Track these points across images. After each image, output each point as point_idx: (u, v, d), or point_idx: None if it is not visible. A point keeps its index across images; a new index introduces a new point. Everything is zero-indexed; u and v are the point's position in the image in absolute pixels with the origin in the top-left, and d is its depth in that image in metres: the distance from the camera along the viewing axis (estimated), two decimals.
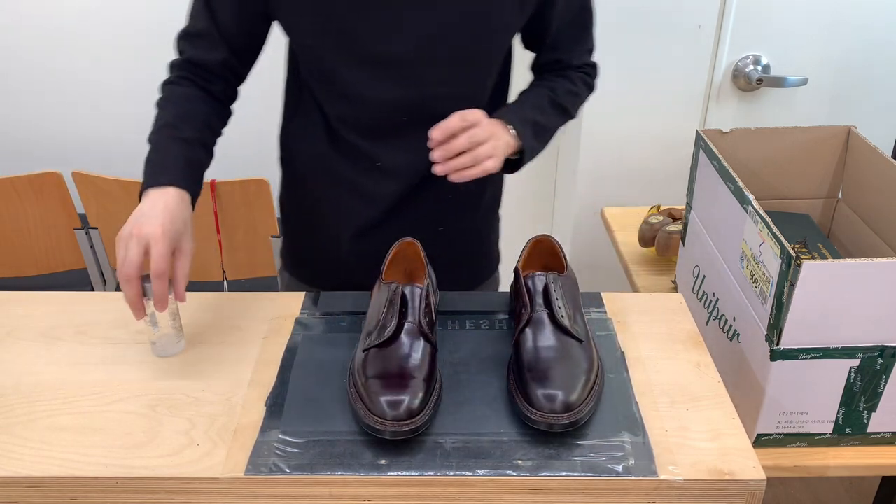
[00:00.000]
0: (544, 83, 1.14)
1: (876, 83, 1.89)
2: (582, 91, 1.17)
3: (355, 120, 1.09)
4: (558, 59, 1.15)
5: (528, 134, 1.06)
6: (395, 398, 0.77)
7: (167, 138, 0.99)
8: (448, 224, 1.19)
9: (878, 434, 1.03)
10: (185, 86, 1.05)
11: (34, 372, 0.90)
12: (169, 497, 0.77)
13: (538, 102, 1.10)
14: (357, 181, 1.13)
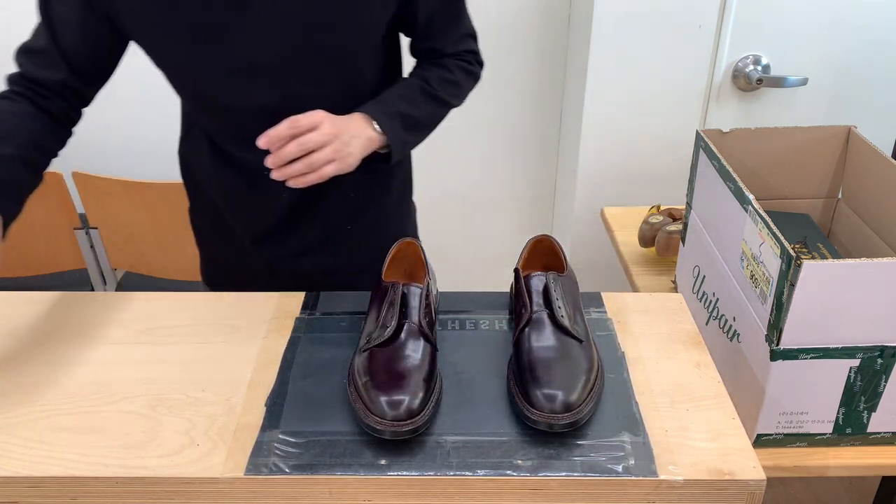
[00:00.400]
0: (417, 73, 1.13)
1: (876, 83, 1.89)
2: (461, 79, 1.14)
3: (232, 131, 1.08)
4: (432, 47, 1.13)
5: (396, 126, 1.04)
6: (395, 398, 0.77)
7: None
8: (356, 222, 1.19)
9: (878, 434, 1.03)
10: (18, 101, 1.00)
11: (34, 372, 0.90)
12: (169, 497, 0.77)
13: (408, 94, 1.08)
14: (248, 192, 1.13)
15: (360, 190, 1.16)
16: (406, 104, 1.08)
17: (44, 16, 1.00)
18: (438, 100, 1.12)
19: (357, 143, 0.99)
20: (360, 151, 1.00)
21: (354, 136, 0.99)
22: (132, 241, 1.93)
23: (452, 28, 1.13)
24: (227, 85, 1.03)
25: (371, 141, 1.02)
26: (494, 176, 2.32)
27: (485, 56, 1.18)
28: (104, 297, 1.05)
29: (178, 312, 1.00)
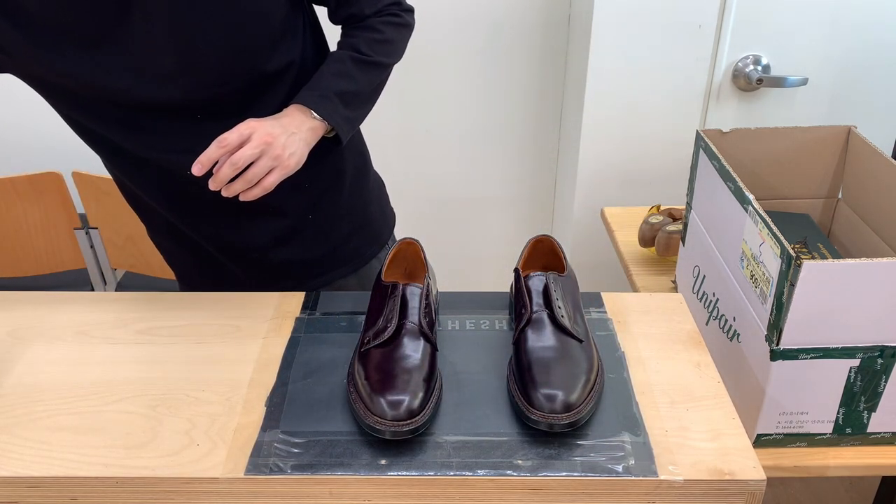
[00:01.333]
0: (345, 43, 1.08)
1: (876, 83, 1.89)
2: (392, 35, 1.09)
3: (150, 139, 1.04)
4: (351, 13, 1.08)
5: (335, 107, 1.01)
6: (395, 398, 0.77)
7: None
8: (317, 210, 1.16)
9: (878, 434, 1.03)
10: None
11: (34, 372, 0.90)
12: (169, 497, 0.77)
13: (340, 69, 1.04)
14: (189, 196, 1.10)
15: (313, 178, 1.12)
16: (341, 80, 1.03)
17: None
18: (374, 64, 1.07)
19: (297, 139, 0.96)
20: (304, 146, 0.98)
21: (293, 134, 0.96)
22: (132, 241, 1.93)
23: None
24: (130, 95, 0.99)
25: (314, 131, 0.99)
26: (494, 176, 2.32)
27: (485, 56, 1.17)
28: (104, 297, 1.05)
29: (178, 312, 1.00)
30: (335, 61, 1.06)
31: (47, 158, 2.24)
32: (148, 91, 0.99)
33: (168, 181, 1.10)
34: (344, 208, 1.21)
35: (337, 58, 1.06)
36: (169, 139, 1.04)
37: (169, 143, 1.05)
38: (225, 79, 1.01)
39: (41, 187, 1.86)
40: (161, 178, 1.10)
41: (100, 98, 1.00)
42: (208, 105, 1.02)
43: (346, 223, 1.22)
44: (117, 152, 1.08)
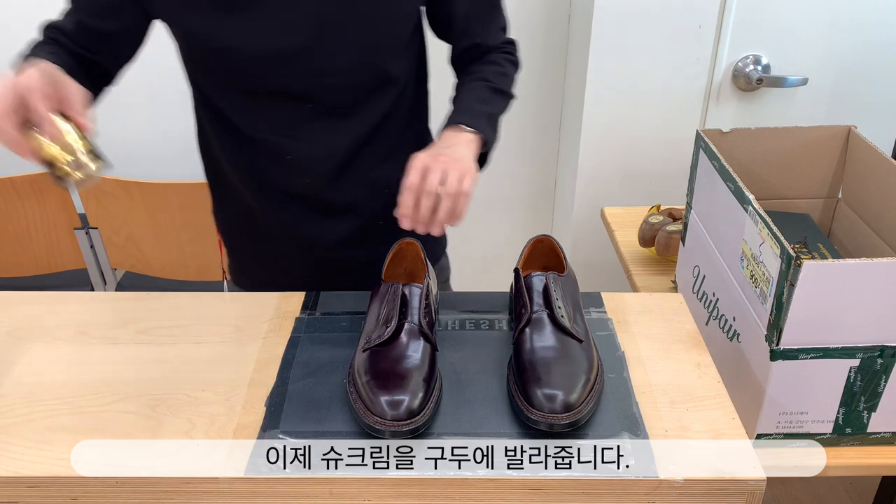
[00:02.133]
0: (474, 76, 1.11)
1: (876, 83, 1.89)
2: (510, 70, 1.14)
3: (255, 112, 1.07)
4: (475, 43, 1.12)
5: (485, 126, 1.03)
6: (395, 398, 0.77)
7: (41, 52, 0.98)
8: (389, 213, 1.18)
9: (878, 434, 1.03)
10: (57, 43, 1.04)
11: (34, 372, 0.90)
12: (169, 497, 0.77)
13: (480, 95, 1.08)
14: (274, 175, 1.12)
15: (394, 184, 1.15)
16: (485, 105, 1.07)
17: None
18: (504, 94, 1.11)
19: (465, 152, 0.98)
20: (470, 154, 0.98)
21: (460, 147, 0.98)
22: (132, 241, 1.93)
23: (488, 20, 1.12)
24: (256, 70, 1.02)
25: (472, 144, 1.00)
26: (494, 176, 2.31)
27: None
28: (104, 296, 1.05)
29: (178, 312, 1.00)
30: (471, 89, 1.09)
31: None
32: (269, 64, 1.02)
33: (266, 164, 1.11)
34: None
35: (472, 87, 1.09)
36: (277, 122, 1.07)
37: (276, 126, 1.07)
38: (350, 71, 1.04)
39: (41, 187, 1.86)
40: (260, 159, 1.11)
41: (220, 65, 1.03)
42: (324, 95, 1.05)
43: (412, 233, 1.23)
44: (227, 127, 1.10)
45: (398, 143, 1.12)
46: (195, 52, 1.05)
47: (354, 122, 1.08)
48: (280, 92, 1.04)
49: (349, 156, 1.10)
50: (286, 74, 1.02)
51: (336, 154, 1.09)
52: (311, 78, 1.03)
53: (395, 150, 1.11)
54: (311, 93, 1.04)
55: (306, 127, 1.07)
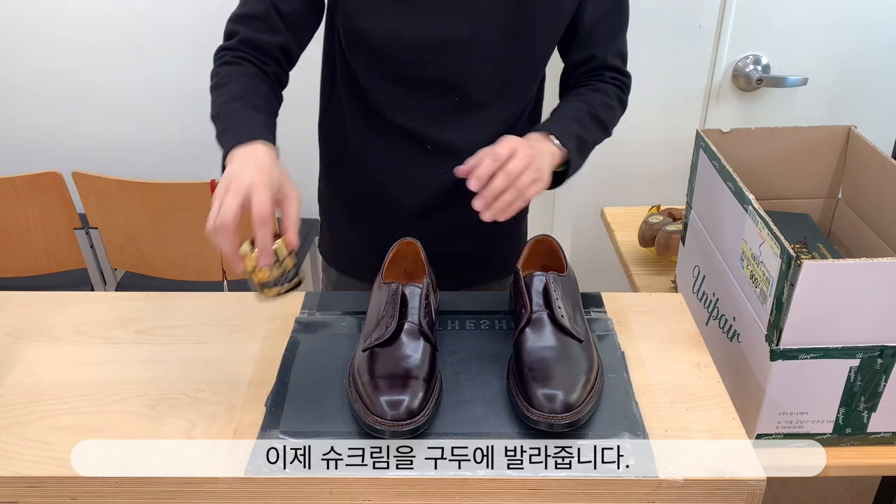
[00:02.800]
0: (581, 97, 1.12)
1: (876, 83, 1.89)
2: (616, 107, 1.15)
3: (400, 100, 1.08)
4: (592, 55, 1.13)
5: (573, 147, 1.03)
6: (395, 398, 0.77)
7: (240, 108, 0.94)
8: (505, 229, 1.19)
9: (878, 434, 1.03)
10: (243, 65, 1.01)
11: (34, 372, 0.90)
12: (169, 497, 0.77)
13: (579, 116, 1.08)
14: (411, 164, 1.13)
15: None
16: (580, 127, 1.07)
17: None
18: (602, 125, 1.11)
19: (546, 159, 0.98)
20: (548, 165, 0.98)
21: (544, 153, 0.98)
22: (132, 241, 1.93)
23: (613, 37, 1.13)
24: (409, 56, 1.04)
25: (554, 157, 1.00)
26: None
27: None
28: (104, 297, 1.05)
29: (178, 312, 1.00)
30: (573, 109, 1.09)
31: (47, 158, 2.24)
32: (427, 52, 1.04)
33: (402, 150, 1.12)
34: (520, 221, 1.28)
35: (575, 106, 1.09)
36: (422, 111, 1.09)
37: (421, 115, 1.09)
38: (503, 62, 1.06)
39: (41, 187, 1.86)
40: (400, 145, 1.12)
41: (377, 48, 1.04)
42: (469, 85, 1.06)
43: (505, 230, 1.24)
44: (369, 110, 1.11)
45: None
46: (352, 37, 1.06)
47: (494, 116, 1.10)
48: (431, 80, 1.06)
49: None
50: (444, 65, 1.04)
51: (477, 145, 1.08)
52: (465, 69, 1.05)
53: None
54: (459, 83, 1.06)
55: (446, 118, 1.09)
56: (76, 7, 2.15)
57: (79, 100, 2.27)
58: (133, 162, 2.30)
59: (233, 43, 1.02)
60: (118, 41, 2.19)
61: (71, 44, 2.20)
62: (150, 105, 2.26)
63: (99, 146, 2.33)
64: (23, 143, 2.34)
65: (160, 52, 2.20)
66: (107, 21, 2.17)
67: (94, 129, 2.32)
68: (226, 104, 0.95)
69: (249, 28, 1.02)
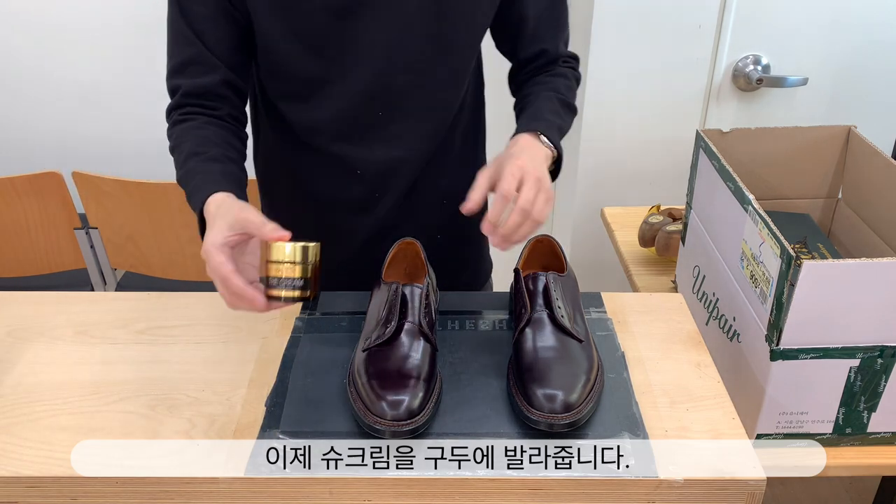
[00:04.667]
0: (545, 86, 1.10)
1: (876, 83, 1.89)
2: (574, 86, 1.14)
3: (331, 124, 1.06)
4: (543, 49, 1.10)
5: (558, 141, 1.02)
6: (395, 398, 0.77)
7: (195, 165, 0.93)
8: (444, 231, 1.17)
9: (878, 434, 1.03)
10: (192, 119, 0.99)
11: (34, 372, 0.90)
12: (169, 497, 0.77)
13: (552, 107, 1.06)
14: (337, 195, 1.10)
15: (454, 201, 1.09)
16: (557, 117, 1.05)
17: (184, 24, 0.98)
18: (571, 108, 1.10)
19: (545, 168, 0.94)
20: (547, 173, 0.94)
21: (542, 163, 0.94)
22: (132, 241, 1.93)
23: (560, 26, 1.12)
24: (330, 70, 1.01)
25: (548, 159, 0.97)
26: None
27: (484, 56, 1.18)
28: (104, 297, 1.05)
29: (178, 312, 1.00)
30: (544, 99, 1.07)
31: (47, 158, 2.24)
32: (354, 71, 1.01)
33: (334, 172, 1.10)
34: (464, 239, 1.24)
35: (545, 96, 1.07)
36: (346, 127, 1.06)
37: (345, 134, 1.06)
38: (424, 72, 1.03)
39: (41, 187, 1.86)
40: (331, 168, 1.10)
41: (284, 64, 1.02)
42: (393, 96, 1.03)
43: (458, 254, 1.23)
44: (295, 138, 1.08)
45: (455, 161, 1.14)
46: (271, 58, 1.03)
47: (425, 128, 1.08)
48: (356, 94, 1.03)
49: (419, 167, 1.10)
50: (366, 75, 1.01)
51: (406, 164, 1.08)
52: (388, 80, 1.02)
53: (452, 167, 1.13)
54: (380, 94, 1.03)
55: (379, 132, 1.05)
56: (76, 7, 2.15)
57: (79, 100, 2.27)
58: (133, 162, 2.29)
59: (177, 99, 1.00)
60: (119, 41, 2.19)
61: (71, 44, 2.20)
62: (150, 105, 2.25)
63: (99, 146, 2.33)
64: (23, 143, 2.34)
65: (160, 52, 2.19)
66: (107, 21, 2.17)
67: (94, 129, 2.32)
68: (182, 166, 0.95)
69: (188, 76, 0.99)
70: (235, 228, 0.81)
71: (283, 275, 0.78)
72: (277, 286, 0.78)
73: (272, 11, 0.97)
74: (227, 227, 0.81)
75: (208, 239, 0.81)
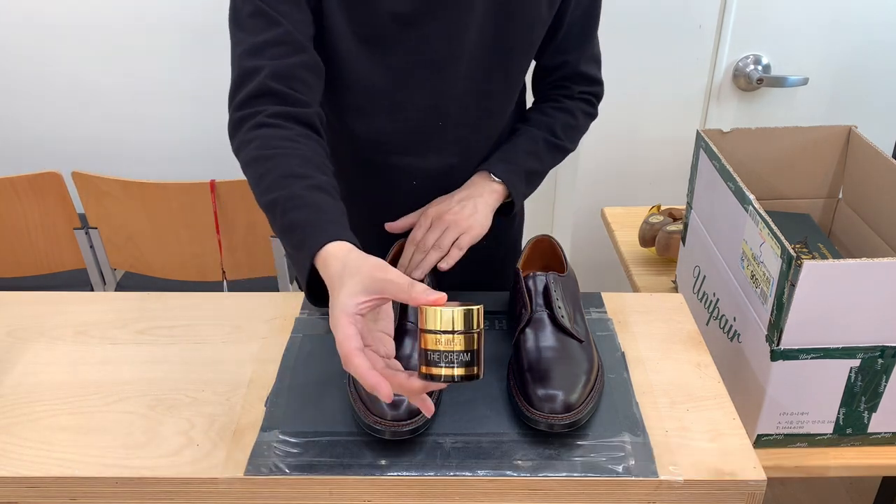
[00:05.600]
0: (543, 120, 1.10)
1: (876, 83, 1.89)
2: (582, 123, 1.14)
3: (388, 134, 1.04)
4: (564, 60, 1.10)
5: (519, 182, 1.05)
6: (395, 398, 0.77)
7: (299, 192, 0.77)
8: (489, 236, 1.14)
9: (878, 434, 1.03)
10: (283, 128, 0.84)
11: (34, 372, 0.90)
12: (169, 497, 0.77)
13: (532, 149, 1.08)
14: (391, 202, 1.08)
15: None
16: (531, 159, 1.08)
17: (265, 5, 0.87)
18: (562, 149, 1.12)
19: (480, 203, 1.03)
20: (486, 209, 1.03)
21: (472, 199, 1.03)
22: (132, 241, 1.93)
23: (586, 41, 1.10)
24: (394, 80, 0.99)
25: (495, 194, 1.05)
26: None
27: None
28: (104, 297, 1.05)
29: (178, 312, 1.00)
30: (530, 140, 1.09)
31: (47, 158, 2.24)
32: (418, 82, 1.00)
33: (390, 182, 1.09)
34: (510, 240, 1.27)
35: (532, 137, 1.09)
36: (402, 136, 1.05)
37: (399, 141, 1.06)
38: (490, 77, 1.03)
39: (41, 187, 1.86)
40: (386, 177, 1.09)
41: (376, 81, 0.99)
42: (452, 106, 1.03)
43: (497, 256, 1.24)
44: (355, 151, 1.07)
45: None
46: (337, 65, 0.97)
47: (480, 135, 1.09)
48: (417, 105, 1.02)
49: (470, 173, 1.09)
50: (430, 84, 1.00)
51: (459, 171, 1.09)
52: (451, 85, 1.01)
53: None
54: (447, 103, 1.03)
55: (437, 143, 1.06)
56: (76, 7, 2.15)
57: (79, 100, 2.28)
58: (133, 162, 2.30)
59: (258, 85, 0.85)
60: (119, 41, 2.19)
61: (71, 44, 2.20)
62: (150, 105, 2.26)
63: (99, 146, 2.33)
64: (23, 143, 2.34)
65: (160, 52, 2.20)
66: (107, 21, 2.17)
67: (94, 129, 2.32)
68: (274, 188, 0.78)
69: (271, 57, 0.86)
70: (371, 292, 0.67)
71: (443, 348, 0.64)
72: (438, 363, 0.64)
73: (340, 10, 0.92)
74: (361, 290, 0.67)
75: (338, 304, 0.67)
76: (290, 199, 0.77)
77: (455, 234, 0.99)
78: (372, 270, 0.67)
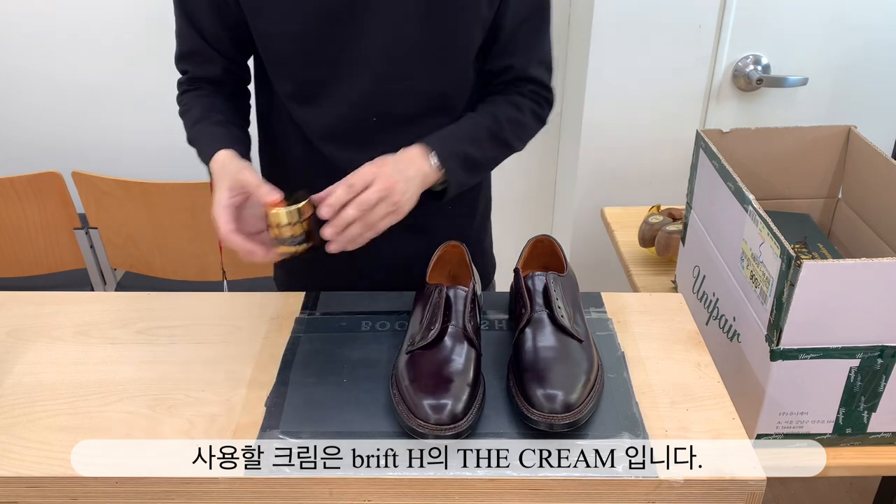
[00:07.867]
0: (488, 110, 1.07)
1: (876, 83, 1.89)
2: (530, 122, 1.09)
3: (326, 127, 1.05)
4: (510, 64, 1.06)
5: (456, 167, 0.99)
6: (438, 402, 0.76)
7: (202, 128, 1.02)
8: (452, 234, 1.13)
9: (878, 434, 1.03)
10: (200, 89, 1.08)
11: (34, 372, 0.90)
12: (169, 497, 0.77)
13: (475, 134, 1.03)
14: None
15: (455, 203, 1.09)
16: (471, 145, 1.02)
17: (184, 20, 1.04)
18: (505, 143, 1.07)
19: (413, 185, 0.94)
20: (416, 191, 0.95)
21: (409, 180, 0.94)
22: (132, 241, 1.93)
23: (533, 44, 1.07)
24: (335, 73, 1.01)
25: (427, 177, 0.97)
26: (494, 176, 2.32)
27: None
28: (104, 297, 1.05)
29: (178, 312, 1.00)
30: (472, 125, 1.05)
31: (47, 158, 2.24)
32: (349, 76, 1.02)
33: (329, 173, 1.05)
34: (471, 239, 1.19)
35: (475, 122, 1.05)
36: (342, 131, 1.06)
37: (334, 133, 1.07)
38: (415, 76, 1.02)
39: (41, 187, 1.86)
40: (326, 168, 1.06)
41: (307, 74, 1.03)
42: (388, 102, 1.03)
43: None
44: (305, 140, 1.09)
45: None
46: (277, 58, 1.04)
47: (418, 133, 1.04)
48: (351, 101, 1.02)
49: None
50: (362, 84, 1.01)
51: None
52: (382, 86, 1.01)
53: None
54: (377, 99, 1.02)
55: (375, 139, 1.03)
56: (76, 7, 2.15)
57: (79, 100, 2.27)
58: (133, 162, 2.30)
59: (184, 78, 1.10)
60: (119, 41, 2.19)
61: (71, 44, 2.20)
62: (150, 105, 2.26)
63: (99, 146, 2.33)
64: (23, 143, 2.34)
65: (160, 52, 2.19)
66: (107, 21, 2.17)
67: (95, 129, 2.32)
68: (191, 129, 1.04)
69: (192, 64, 1.08)
70: (235, 189, 0.88)
71: (284, 235, 0.87)
72: (283, 245, 0.88)
73: (268, 11, 0.99)
74: (228, 188, 0.88)
75: (214, 199, 0.88)
76: (197, 134, 1.03)
77: (387, 209, 0.90)
78: (235, 172, 0.90)
